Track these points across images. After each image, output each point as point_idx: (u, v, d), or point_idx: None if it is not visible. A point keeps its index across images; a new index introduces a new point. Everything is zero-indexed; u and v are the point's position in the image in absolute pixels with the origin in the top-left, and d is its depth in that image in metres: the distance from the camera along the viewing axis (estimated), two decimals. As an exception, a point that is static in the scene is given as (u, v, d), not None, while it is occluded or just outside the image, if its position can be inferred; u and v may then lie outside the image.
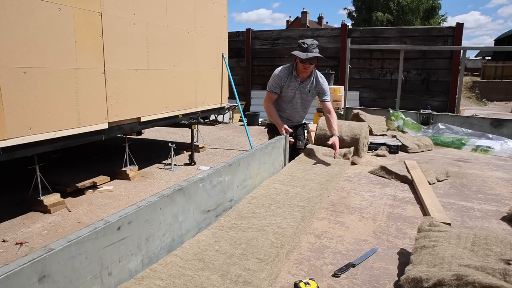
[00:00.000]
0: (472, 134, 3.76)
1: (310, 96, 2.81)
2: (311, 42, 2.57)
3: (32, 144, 3.16)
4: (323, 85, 2.79)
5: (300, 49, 2.57)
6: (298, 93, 2.75)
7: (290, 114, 2.85)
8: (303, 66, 2.61)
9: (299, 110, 2.86)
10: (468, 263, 1.09)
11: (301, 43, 2.59)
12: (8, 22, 2.86)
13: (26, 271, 0.81)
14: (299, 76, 2.72)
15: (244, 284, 1.07)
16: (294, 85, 2.72)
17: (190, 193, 1.38)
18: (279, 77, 2.71)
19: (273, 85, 2.74)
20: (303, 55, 2.54)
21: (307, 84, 2.74)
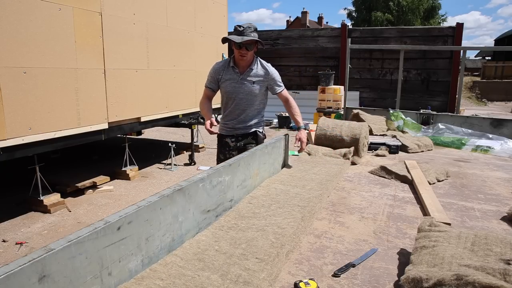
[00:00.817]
0: (472, 134, 3.76)
1: (256, 89, 2.38)
2: (248, 25, 2.24)
3: (32, 144, 3.16)
4: (271, 74, 2.41)
5: (236, 33, 2.24)
6: (240, 86, 2.36)
7: (235, 115, 2.44)
8: (239, 53, 2.26)
9: (245, 108, 2.42)
10: (468, 263, 1.09)
11: (237, 27, 2.26)
12: (8, 22, 2.86)
13: (26, 271, 0.81)
14: (238, 67, 2.36)
15: (244, 284, 1.07)
16: (233, 78, 2.36)
17: (190, 193, 1.38)
18: (213, 69, 2.40)
19: (208, 79, 2.44)
20: (238, 38, 2.18)
21: (249, 75, 2.37)
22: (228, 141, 2.50)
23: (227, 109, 2.45)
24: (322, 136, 2.97)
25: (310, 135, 4.62)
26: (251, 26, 2.25)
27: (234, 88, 2.37)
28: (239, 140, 2.48)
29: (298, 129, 2.34)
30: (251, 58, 2.35)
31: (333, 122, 3.09)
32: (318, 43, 10.23)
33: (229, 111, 2.44)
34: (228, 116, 2.46)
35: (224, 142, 2.51)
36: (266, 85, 2.42)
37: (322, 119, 3.15)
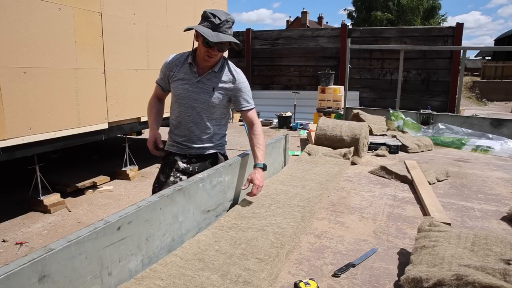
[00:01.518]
0: (472, 134, 3.76)
1: (216, 99, 1.77)
2: (226, 18, 1.65)
3: (32, 144, 3.16)
4: (239, 83, 1.80)
5: (210, 25, 1.63)
6: (195, 91, 1.76)
7: (187, 129, 1.82)
8: (207, 52, 1.67)
9: (201, 121, 1.80)
10: (468, 263, 1.09)
11: (211, 15, 1.63)
12: (8, 22, 2.86)
13: (26, 271, 0.81)
14: (197, 65, 1.77)
15: (244, 284, 1.07)
16: (188, 78, 1.77)
17: (190, 193, 1.38)
18: (166, 63, 1.84)
19: (160, 74, 1.89)
20: (213, 35, 1.61)
21: (209, 79, 1.76)
22: (177, 160, 1.85)
23: (177, 118, 1.83)
24: (322, 136, 2.97)
25: (310, 135, 4.62)
26: (229, 20, 1.65)
27: (186, 92, 1.76)
28: (192, 163, 1.85)
29: (255, 166, 1.69)
30: (218, 59, 1.76)
31: (333, 122, 3.09)
32: (318, 43, 10.23)
33: (180, 122, 1.82)
34: (179, 129, 1.84)
35: (172, 160, 1.86)
36: (229, 96, 1.80)
37: (322, 119, 3.15)
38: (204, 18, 1.67)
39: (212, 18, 1.64)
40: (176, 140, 1.88)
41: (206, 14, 1.66)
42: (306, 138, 5.90)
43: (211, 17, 1.64)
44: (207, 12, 1.66)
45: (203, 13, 1.68)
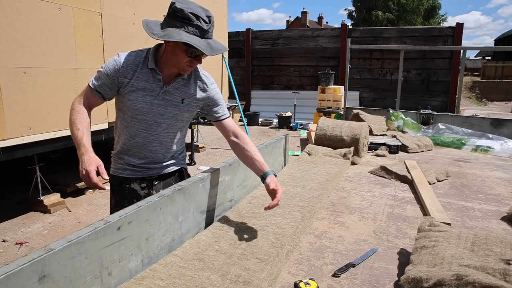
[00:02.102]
0: (472, 134, 3.76)
1: (185, 112, 1.48)
2: (210, 18, 1.30)
3: (32, 144, 3.16)
4: (211, 90, 1.52)
5: (196, 30, 1.26)
6: (159, 104, 1.41)
7: (148, 150, 1.49)
8: (189, 62, 1.33)
9: (162, 140, 1.49)
10: (468, 263, 1.09)
11: (193, 16, 1.25)
12: (8, 22, 2.86)
13: (26, 271, 0.81)
14: (161, 70, 1.39)
15: (244, 284, 1.07)
16: (150, 88, 1.39)
17: (190, 193, 1.38)
18: (117, 65, 1.37)
19: (99, 76, 1.41)
20: (206, 46, 1.27)
21: (177, 89, 1.43)
22: (135, 188, 1.54)
23: (134, 138, 1.45)
24: (322, 136, 2.97)
25: (310, 135, 4.62)
26: (212, 19, 1.30)
27: (149, 106, 1.39)
28: (154, 185, 1.55)
29: (264, 177, 1.39)
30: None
31: (333, 122, 3.09)
32: (318, 43, 10.23)
33: (138, 142, 1.45)
34: (135, 150, 1.48)
35: (129, 190, 1.53)
36: (200, 106, 1.51)
37: (322, 119, 3.15)
38: (185, 20, 1.25)
39: (196, 21, 1.25)
40: (131, 163, 1.49)
41: (186, 14, 1.24)
42: (306, 138, 5.91)
43: (194, 19, 1.25)
44: (185, 10, 1.24)
45: (176, 10, 1.25)
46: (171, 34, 1.25)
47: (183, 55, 1.31)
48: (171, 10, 1.29)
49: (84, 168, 1.21)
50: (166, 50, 1.36)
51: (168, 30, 1.27)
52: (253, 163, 1.44)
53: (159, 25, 1.32)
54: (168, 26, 1.28)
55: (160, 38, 1.27)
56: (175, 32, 1.26)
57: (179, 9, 1.26)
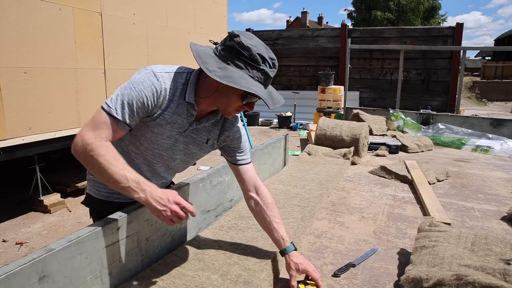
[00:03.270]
0: (472, 134, 3.76)
1: (204, 153, 1.29)
2: (275, 63, 1.09)
3: (32, 144, 3.16)
4: (237, 130, 1.27)
5: (261, 75, 1.04)
6: (182, 141, 1.19)
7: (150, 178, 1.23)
8: (240, 107, 1.11)
9: (172, 172, 1.33)
10: (468, 263, 1.09)
11: (259, 57, 1.03)
12: (8, 22, 2.86)
13: (26, 271, 0.81)
14: (197, 105, 1.13)
15: (244, 284, 1.07)
16: (179, 123, 1.13)
17: (190, 193, 1.38)
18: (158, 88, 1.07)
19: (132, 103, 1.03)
20: (268, 96, 1.06)
21: (206, 127, 1.21)
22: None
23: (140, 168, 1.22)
24: (322, 136, 2.97)
25: (310, 135, 4.62)
26: (276, 63, 1.10)
27: (173, 143, 1.17)
28: None
29: (285, 252, 1.16)
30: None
31: (333, 122, 3.09)
32: (318, 43, 10.23)
33: (143, 172, 1.22)
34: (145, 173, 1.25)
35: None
36: (221, 146, 1.28)
37: (322, 119, 3.15)
38: (249, 61, 1.02)
39: (262, 65, 1.03)
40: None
41: (253, 55, 1.02)
42: (306, 138, 5.91)
43: (260, 62, 1.03)
44: (253, 50, 1.02)
45: (242, 47, 1.02)
46: (234, 78, 1.00)
47: (237, 100, 1.07)
48: (233, 44, 1.02)
49: (168, 208, 0.96)
50: (212, 86, 1.07)
51: (229, 70, 1.01)
52: (271, 231, 1.20)
53: (213, 57, 1.04)
54: (226, 62, 1.02)
55: (221, 81, 0.98)
56: (239, 76, 1.01)
57: (246, 47, 1.01)
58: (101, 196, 1.25)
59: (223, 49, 1.05)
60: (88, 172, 1.24)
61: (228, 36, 1.05)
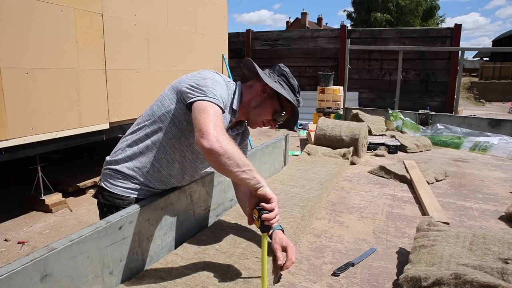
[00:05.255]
0: (470, 134, 3.78)
1: None
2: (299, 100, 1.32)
3: (34, 144, 3.17)
4: (246, 137, 1.45)
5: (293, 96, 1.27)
6: None
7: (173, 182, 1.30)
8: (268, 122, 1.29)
9: (197, 174, 1.38)
10: (466, 262, 1.10)
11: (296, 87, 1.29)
12: (10, 24, 2.87)
13: (28, 270, 0.81)
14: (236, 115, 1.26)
15: (244, 283, 1.08)
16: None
17: (190, 193, 1.39)
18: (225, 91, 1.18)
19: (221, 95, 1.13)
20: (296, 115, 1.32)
21: (235, 136, 1.34)
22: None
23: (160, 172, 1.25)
24: (322, 136, 2.98)
25: (309, 135, 4.63)
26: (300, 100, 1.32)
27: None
28: None
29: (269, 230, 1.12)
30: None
31: (332, 122, 3.10)
32: (318, 44, 10.25)
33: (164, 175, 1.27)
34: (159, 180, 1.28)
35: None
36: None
37: (321, 119, 3.16)
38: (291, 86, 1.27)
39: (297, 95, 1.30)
40: (150, 185, 1.26)
41: (293, 83, 1.29)
42: (306, 138, 5.91)
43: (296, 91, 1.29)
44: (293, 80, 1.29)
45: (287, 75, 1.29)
46: (282, 89, 1.24)
47: (270, 113, 1.26)
48: (282, 70, 1.30)
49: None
50: (257, 96, 1.23)
51: (278, 84, 1.25)
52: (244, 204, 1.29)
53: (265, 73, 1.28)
54: (275, 80, 1.27)
55: (273, 86, 1.21)
56: (286, 89, 1.26)
57: (292, 76, 1.29)
58: (118, 191, 1.26)
59: (272, 72, 1.29)
60: (107, 164, 1.30)
61: (277, 65, 1.31)
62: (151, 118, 1.23)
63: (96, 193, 1.34)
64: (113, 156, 1.30)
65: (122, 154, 1.26)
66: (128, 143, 1.26)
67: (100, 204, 1.32)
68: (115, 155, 1.29)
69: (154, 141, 1.21)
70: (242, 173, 1.01)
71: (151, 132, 1.21)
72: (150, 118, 1.23)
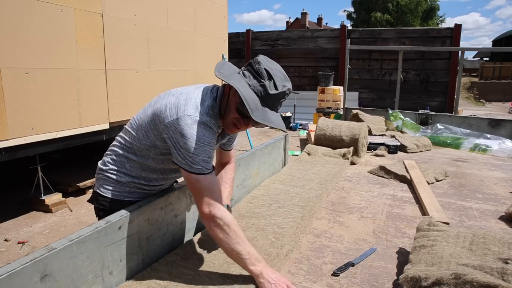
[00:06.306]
0: (470, 134, 3.77)
1: None
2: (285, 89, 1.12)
3: (34, 144, 3.17)
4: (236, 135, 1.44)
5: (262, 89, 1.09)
6: None
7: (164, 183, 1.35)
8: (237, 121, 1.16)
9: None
10: (466, 262, 1.10)
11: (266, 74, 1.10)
12: (10, 24, 2.87)
13: (28, 270, 0.82)
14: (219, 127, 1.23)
15: (244, 283, 1.07)
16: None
17: (190, 193, 1.39)
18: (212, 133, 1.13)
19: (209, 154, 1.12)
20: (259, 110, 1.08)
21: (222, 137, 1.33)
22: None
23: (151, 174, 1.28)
24: (322, 136, 2.98)
25: (309, 135, 4.63)
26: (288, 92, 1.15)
27: None
28: None
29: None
30: None
31: (332, 122, 3.10)
32: (318, 44, 10.24)
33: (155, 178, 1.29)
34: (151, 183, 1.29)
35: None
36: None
37: (321, 119, 3.16)
38: (255, 74, 1.10)
39: (267, 81, 1.08)
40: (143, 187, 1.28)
41: (260, 68, 1.09)
42: (306, 138, 5.91)
43: (265, 77, 1.08)
44: (262, 64, 1.10)
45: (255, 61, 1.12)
46: (228, 76, 1.10)
47: (234, 111, 1.13)
48: (251, 61, 1.14)
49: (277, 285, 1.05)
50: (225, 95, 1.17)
51: (234, 75, 1.12)
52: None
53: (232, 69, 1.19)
54: (238, 72, 1.15)
55: (217, 75, 1.11)
56: (235, 78, 1.09)
57: (257, 61, 1.11)
58: (112, 195, 1.27)
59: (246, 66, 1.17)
60: (99, 170, 1.31)
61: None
62: (136, 142, 1.23)
63: (91, 198, 1.35)
64: (104, 161, 1.31)
65: (112, 159, 1.28)
66: (115, 150, 1.29)
67: (96, 209, 1.33)
68: (106, 160, 1.30)
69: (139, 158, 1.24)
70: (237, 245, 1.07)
71: (137, 150, 1.24)
72: (135, 141, 1.23)
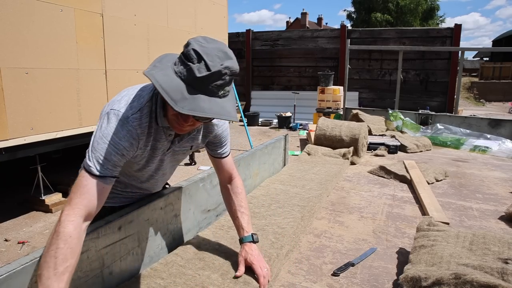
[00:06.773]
0: (470, 134, 3.78)
1: (188, 154, 1.37)
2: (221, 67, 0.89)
3: (34, 144, 3.17)
4: (221, 131, 1.24)
5: (182, 68, 0.90)
6: (169, 156, 1.19)
7: (150, 186, 1.27)
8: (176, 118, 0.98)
9: (167, 175, 1.31)
10: (466, 262, 1.10)
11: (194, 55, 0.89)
12: (10, 24, 2.87)
13: (28, 270, 0.82)
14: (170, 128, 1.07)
15: (244, 283, 1.08)
16: (162, 147, 1.11)
17: (190, 193, 1.39)
18: (135, 135, 1.00)
19: (110, 158, 0.95)
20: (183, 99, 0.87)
21: (189, 139, 1.17)
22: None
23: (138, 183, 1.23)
24: (322, 136, 2.98)
25: (309, 135, 4.63)
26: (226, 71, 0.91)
27: (159, 163, 1.17)
28: None
29: (242, 242, 1.19)
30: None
31: (332, 122, 3.10)
32: (318, 44, 10.24)
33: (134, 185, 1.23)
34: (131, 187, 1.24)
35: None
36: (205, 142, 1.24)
37: (321, 119, 3.16)
38: (183, 58, 0.91)
39: (196, 63, 0.88)
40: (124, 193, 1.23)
41: (187, 50, 0.90)
42: (306, 138, 5.91)
43: (194, 59, 0.89)
44: (191, 46, 0.91)
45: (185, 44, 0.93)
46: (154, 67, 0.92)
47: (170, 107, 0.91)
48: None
49: None
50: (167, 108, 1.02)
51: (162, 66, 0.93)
52: (234, 218, 1.25)
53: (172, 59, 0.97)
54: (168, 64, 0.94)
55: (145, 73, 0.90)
56: (162, 68, 0.92)
57: (187, 43, 0.92)
58: None
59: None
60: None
61: None
62: None
63: None
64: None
65: None
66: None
67: None
68: None
69: None
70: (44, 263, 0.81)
71: None
72: None
